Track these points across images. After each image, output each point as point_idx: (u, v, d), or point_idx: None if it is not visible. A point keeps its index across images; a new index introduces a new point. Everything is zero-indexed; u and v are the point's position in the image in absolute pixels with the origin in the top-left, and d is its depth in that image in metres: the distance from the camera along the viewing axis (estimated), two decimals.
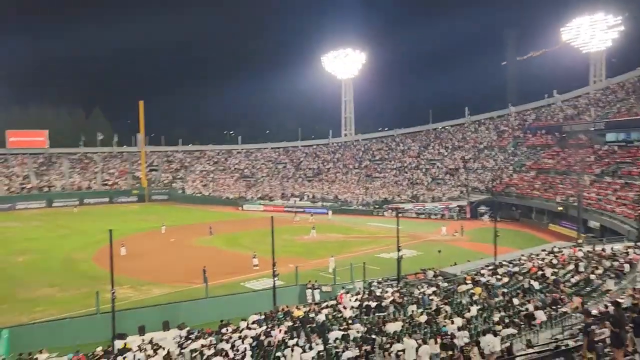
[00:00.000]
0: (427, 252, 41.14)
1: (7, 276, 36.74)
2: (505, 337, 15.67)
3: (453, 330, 17.23)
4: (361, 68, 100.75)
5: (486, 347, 14.92)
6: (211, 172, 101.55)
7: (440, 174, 77.54)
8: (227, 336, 20.50)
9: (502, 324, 17.34)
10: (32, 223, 66.03)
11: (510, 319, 18.16)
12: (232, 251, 45.59)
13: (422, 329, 18.71)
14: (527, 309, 18.86)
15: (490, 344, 14.77)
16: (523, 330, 17.01)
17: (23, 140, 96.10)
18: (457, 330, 17.16)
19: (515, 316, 18.48)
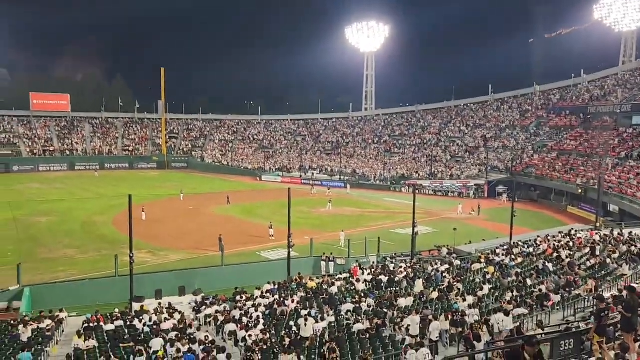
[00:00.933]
0: (443, 230, 41.09)
1: (29, 236, 37.76)
2: (516, 316, 15.69)
3: (464, 308, 17.31)
4: (384, 42, 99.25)
5: (496, 325, 15.00)
6: (230, 142, 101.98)
7: (460, 151, 76.72)
8: (241, 304, 20.89)
9: (513, 303, 17.35)
10: (54, 185, 67.45)
11: (522, 299, 18.15)
12: (249, 221, 46.08)
13: (433, 305, 18.85)
14: (540, 289, 18.81)
15: (500, 322, 14.86)
16: (535, 311, 17.00)
17: (46, 104, 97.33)
18: (468, 308, 17.23)
19: (527, 297, 18.45)
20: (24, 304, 23.05)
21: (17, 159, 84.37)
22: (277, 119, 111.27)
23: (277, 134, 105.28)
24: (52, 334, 18.29)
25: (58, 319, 19.98)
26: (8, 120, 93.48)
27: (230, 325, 17.64)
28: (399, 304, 19.21)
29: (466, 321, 15.94)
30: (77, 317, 21.38)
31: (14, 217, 44.19)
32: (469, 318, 16.21)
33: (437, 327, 15.35)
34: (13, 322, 19.44)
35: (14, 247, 34.09)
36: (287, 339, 15.33)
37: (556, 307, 17.52)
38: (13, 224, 41.85)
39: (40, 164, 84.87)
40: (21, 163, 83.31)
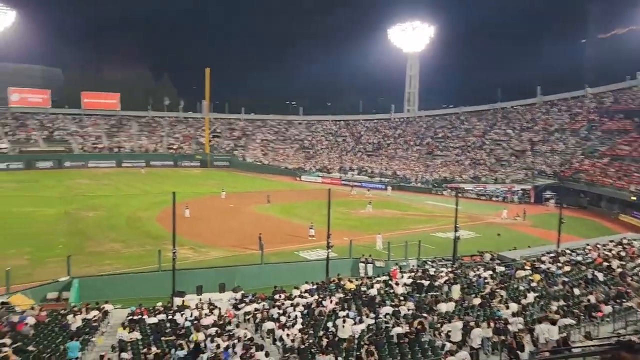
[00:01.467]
0: (486, 235, 40.13)
1: (78, 230, 39.17)
2: (562, 327, 15.10)
3: (507, 316, 16.81)
4: (428, 42, 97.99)
5: (541, 335, 14.48)
6: (271, 142, 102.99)
7: (505, 155, 74.80)
8: (279, 302, 20.98)
9: (560, 313, 16.72)
10: (102, 181, 69.84)
11: (570, 309, 17.47)
12: (288, 220, 46.32)
13: (475, 311, 18.40)
14: (589, 300, 18.06)
15: (545, 332, 14.33)
16: (582, 322, 16.34)
17: (97, 102, 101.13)
18: (511, 316, 16.73)
19: (575, 307, 17.75)
20: (72, 294, 23.90)
21: (68, 155, 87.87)
22: (319, 120, 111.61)
23: (318, 134, 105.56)
24: (98, 325, 18.88)
25: (104, 311, 20.60)
26: (61, 118, 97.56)
27: (268, 324, 17.74)
28: (439, 309, 18.85)
29: (509, 329, 15.47)
30: (121, 310, 21.98)
31: (65, 211, 45.98)
32: (512, 326, 15.73)
33: (479, 334, 14.96)
34: (63, 312, 20.16)
35: (65, 240, 35.45)
36: (325, 340, 15.27)
37: (606, 319, 16.78)
38: (64, 218, 43.56)
39: (90, 160, 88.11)
40: (72, 159, 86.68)
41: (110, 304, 21.75)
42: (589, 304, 17.64)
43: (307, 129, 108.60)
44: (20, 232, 37.58)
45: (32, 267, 29.15)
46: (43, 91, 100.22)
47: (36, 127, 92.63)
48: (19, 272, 26.71)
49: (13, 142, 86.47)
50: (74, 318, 18.49)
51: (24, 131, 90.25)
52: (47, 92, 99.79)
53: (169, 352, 14.86)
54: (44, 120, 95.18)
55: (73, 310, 19.85)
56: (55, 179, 70.20)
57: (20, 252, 31.96)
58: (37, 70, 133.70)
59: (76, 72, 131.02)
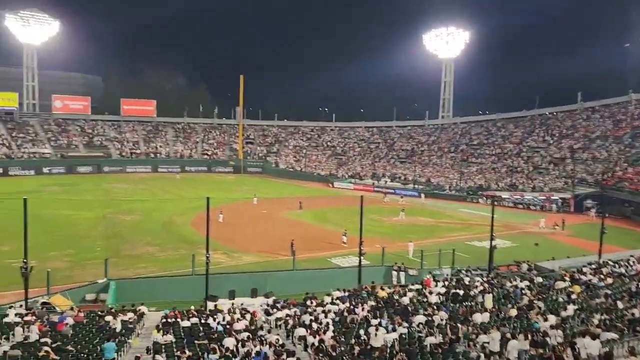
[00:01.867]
0: (523, 244, 39.13)
1: (115, 233, 40.11)
2: (604, 341, 14.50)
3: (546, 328, 16.26)
4: (464, 48, 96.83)
5: (582, 350, 13.93)
6: (304, 148, 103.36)
7: (544, 163, 72.91)
8: (311, 309, 20.90)
9: (602, 327, 16.08)
10: (139, 186, 71.44)
11: (612, 322, 16.77)
12: (320, 226, 46.27)
13: (511, 322, 17.89)
14: (633, 314, 17.31)
15: (587, 347, 13.78)
16: (626, 336, 15.65)
17: (135, 109, 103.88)
18: (550, 329, 16.17)
19: (618, 320, 17.04)
20: (109, 296, 24.42)
21: (107, 160, 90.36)
22: (351, 126, 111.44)
23: (351, 140, 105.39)
24: (134, 327, 19.19)
25: (139, 313, 20.95)
26: (101, 124, 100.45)
27: (300, 330, 17.66)
28: (475, 319, 18.40)
29: (548, 342, 14.94)
30: (156, 312, 22.31)
31: (103, 215, 47.19)
32: (551, 339, 15.20)
33: (516, 346, 14.50)
34: (100, 313, 20.60)
35: (103, 243, 36.35)
36: (357, 348, 15.09)
37: None
38: (102, 221, 44.70)
39: (128, 165, 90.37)
40: (111, 164, 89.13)
41: (145, 306, 22.11)
42: (633, 317, 16.91)
43: (339, 135, 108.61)
44: (61, 234, 38.76)
45: (71, 269, 29.98)
46: (84, 98, 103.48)
47: (77, 133, 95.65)
48: (59, 274, 27.53)
49: (55, 147, 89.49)
50: (114, 320, 18.86)
51: (66, 137, 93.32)
52: (88, 99, 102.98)
53: (202, 356, 14.96)
54: (85, 126, 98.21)
55: (112, 312, 20.25)
56: (94, 183, 72.22)
57: (60, 254, 32.95)
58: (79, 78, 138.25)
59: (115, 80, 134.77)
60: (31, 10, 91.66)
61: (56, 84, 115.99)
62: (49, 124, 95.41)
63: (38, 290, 23.66)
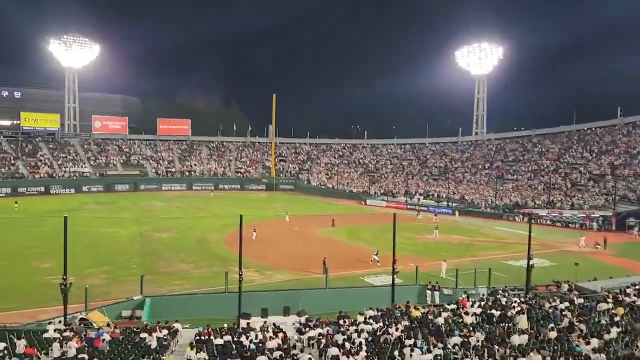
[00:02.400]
0: (562, 264, 37.89)
1: (152, 250, 40.83)
2: None
3: (588, 352, 15.62)
4: (497, 64, 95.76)
5: None
6: (336, 165, 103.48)
7: (583, 179, 70.87)
8: (344, 328, 20.66)
9: None
10: (174, 203, 72.75)
11: None
12: (353, 244, 46.00)
13: (551, 345, 17.26)
14: None
15: None
16: None
17: (170, 128, 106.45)
18: (592, 352, 15.53)
19: None
20: (145, 313, 24.74)
21: (144, 178, 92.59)
22: (383, 143, 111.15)
23: (383, 158, 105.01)
24: (168, 344, 19.35)
25: (173, 330, 21.13)
26: (138, 143, 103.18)
27: (333, 349, 17.45)
28: (512, 341, 17.83)
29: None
30: (190, 329, 22.46)
31: (139, 232, 48.16)
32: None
33: None
34: (136, 330, 20.88)
35: (139, 260, 37.04)
36: None
37: None
38: (139, 239, 45.61)
39: (163, 183, 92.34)
40: (147, 182, 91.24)
41: (179, 323, 22.29)
42: None
43: (371, 152, 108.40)
44: (99, 251, 39.70)
45: (108, 285, 30.61)
46: (122, 118, 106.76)
47: (115, 152, 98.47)
48: (97, 290, 28.15)
49: (94, 166, 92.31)
50: (150, 336, 19.07)
51: (104, 156, 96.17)
52: (126, 119, 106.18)
53: None
54: (122, 145, 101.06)
55: (148, 328, 20.49)
56: (131, 201, 73.99)
57: (98, 270, 33.72)
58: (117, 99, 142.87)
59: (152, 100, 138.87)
60: (73, 34, 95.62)
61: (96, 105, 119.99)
62: (89, 143, 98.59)
63: (76, 306, 24.18)
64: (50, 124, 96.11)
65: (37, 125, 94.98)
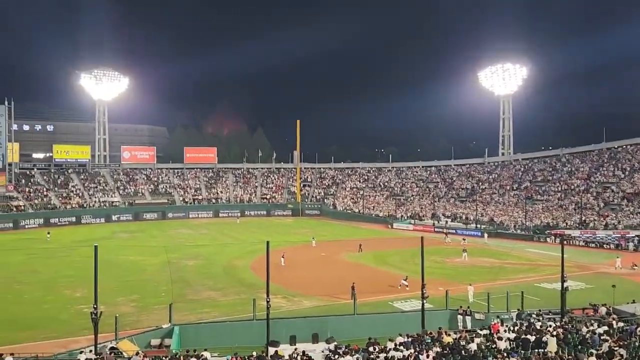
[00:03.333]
0: (598, 286, 36.62)
1: (179, 278, 41.06)
2: None
3: None
4: (522, 83, 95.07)
5: None
6: (361, 189, 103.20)
7: (616, 198, 68.99)
8: (374, 355, 20.26)
9: None
10: (201, 231, 73.38)
11: None
12: (381, 269, 45.45)
13: None
14: None
15: None
16: None
17: (197, 156, 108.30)
18: None
19: None
20: (174, 341, 24.71)
21: (171, 207, 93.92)
22: (409, 166, 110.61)
23: (409, 181, 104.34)
24: None
25: (202, 358, 21.02)
26: (165, 172, 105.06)
27: None
28: None
29: None
30: (218, 358, 22.32)
31: (168, 260, 48.56)
32: None
33: None
34: (164, 358, 20.86)
35: (167, 288, 37.20)
36: None
37: None
38: (167, 266, 45.94)
39: (190, 211, 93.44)
40: (174, 210, 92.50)
41: (208, 351, 22.18)
42: None
43: (397, 175, 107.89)
44: (128, 280, 40.16)
45: (138, 314, 30.79)
46: (150, 148, 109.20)
47: (143, 181, 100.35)
48: (126, 319, 28.31)
49: (124, 195, 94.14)
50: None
51: (133, 185, 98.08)
52: (153, 149, 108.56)
53: None
54: (150, 174, 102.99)
55: (177, 357, 20.44)
56: (159, 229, 74.98)
57: (128, 299, 34.03)
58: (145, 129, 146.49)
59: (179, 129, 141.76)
60: (103, 68, 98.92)
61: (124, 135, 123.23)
62: (118, 173, 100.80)
63: (107, 335, 24.33)
64: (81, 155, 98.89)
65: (69, 157, 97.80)
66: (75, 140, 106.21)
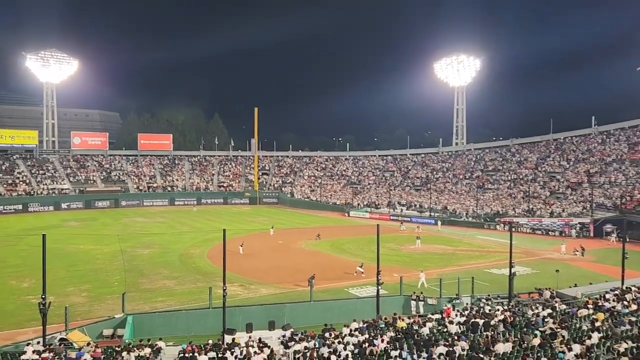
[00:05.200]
0: (543, 271, 38.38)
1: (133, 267, 40.25)
2: None
3: (570, 358, 15.84)
4: (475, 75, 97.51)
5: None
6: (319, 178, 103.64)
7: (561, 187, 72.11)
8: (329, 341, 20.58)
9: (629, 355, 15.61)
10: (156, 219, 71.98)
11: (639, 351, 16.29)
12: (337, 256, 45.97)
13: (534, 352, 17.44)
14: None
15: None
16: None
17: (151, 143, 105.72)
18: (575, 358, 15.75)
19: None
20: (127, 331, 24.30)
21: (124, 194, 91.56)
22: (365, 155, 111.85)
23: (365, 169, 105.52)
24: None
25: (156, 348, 20.79)
26: (118, 159, 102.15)
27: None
28: (497, 349, 17.99)
29: None
30: (173, 347, 22.13)
31: (121, 249, 47.44)
32: None
33: None
34: (117, 349, 20.51)
35: (120, 277, 36.43)
36: None
37: None
38: (120, 255, 44.90)
39: (145, 199, 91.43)
40: (128, 198, 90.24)
41: (163, 341, 21.95)
42: None
43: (354, 164, 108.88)
44: (79, 269, 39.05)
45: (89, 304, 30.06)
46: (102, 134, 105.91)
47: (95, 168, 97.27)
48: (77, 309, 27.63)
49: (74, 183, 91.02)
50: (128, 355, 18.74)
51: (84, 172, 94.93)
52: (105, 135, 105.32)
53: None
54: (102, 161, 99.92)
55: (130, 347, 20.14)
56: (112, 217, 73.04)
57: (78, 289, 33.11)
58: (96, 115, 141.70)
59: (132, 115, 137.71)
60: (51, 50, 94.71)
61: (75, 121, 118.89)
62: (68, 160, 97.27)
63: (56, 326, 23.71)
64: (28, 140, 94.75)
65: (15, 142, 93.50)
66: (22, 124, 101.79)
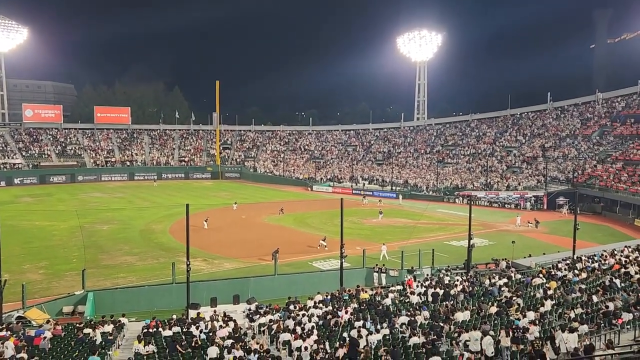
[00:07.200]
0: (500, 242, 39.81)
1: (92, 243, 39.39)
2: (582, 334, 14.89)
3: (525, 324, 16.62)
4: (437, 50, 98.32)
5: (562, 344, 14.30)
6: (282, 152, 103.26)
7: (517, 162, 74.32)
8: (294, 313, 20.90)
9: (579, 321, 16.50)
10: (115, 194, 70.33)
11: (589, 316, 17.23)
12: (301, 230, 46.26)
13: (491, 320, 18.21)
14: (607, 307, 17.81)
15: (566, 341, 14.15)
16: (602, 330, 16.11)
17: (109, 116, 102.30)
18: (529, 324, 16.53)
19: (594, 314, 17.51)
20: (87, 308, 23.99)
21: (81, 169, 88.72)
22: (328, 129, 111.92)
23: (328, 144, 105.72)
24: (114, 339, 18.90)
25: (119, 324, 20.63)
26: (74, 132, 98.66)
27: (284, 335, 17.66)
28: (456, 318, 18.69)
29: (527, 338, 15.29)
30: (136, 323, 22.00)
31: (79, 225, 46.27)
32: (530, 335, 15.55)
33: (490, 342, 14.79)
34: (78, 325, 20.23)
35: (79, 254, 35.62)
36: (342, 350, 15.15)
37: (626, 326, 16.52)
38: (78, 232, 43.82)
39: (103, 174, 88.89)
40: (85, 173, 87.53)
41: (125, 317, 21.78)
42: (607, 310, 17.38)
43: (317, 139, 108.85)
44: (36, 246, 37.98)
45: (47, 281, 29.38)
46: (55, 107, 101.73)
47: (49, 142, 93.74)
48: (35, 287, 26.98)
49: (27, 157, 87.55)
50: (93, 332, 18.54)
51: (38, 146, 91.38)
52: (60, 107, 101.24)
53: None
54: (57, 135, 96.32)
55: (91, 324, 19.90)
56: (68, 193, 70.89)
57: (35, 266, 32.27)
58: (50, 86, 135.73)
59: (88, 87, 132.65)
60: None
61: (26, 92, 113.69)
62: (20, 133, 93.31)
63: (13, 304, 23.14)
64: None
65: None
66: None
